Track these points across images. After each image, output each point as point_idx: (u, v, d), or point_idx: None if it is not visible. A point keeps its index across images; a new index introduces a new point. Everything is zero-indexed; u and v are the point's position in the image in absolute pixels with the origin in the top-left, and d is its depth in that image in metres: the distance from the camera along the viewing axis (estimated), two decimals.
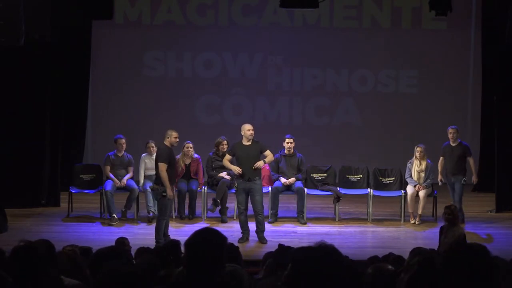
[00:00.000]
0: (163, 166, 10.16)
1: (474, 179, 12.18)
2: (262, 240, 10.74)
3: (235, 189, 10.80)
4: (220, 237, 3.54)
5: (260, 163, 10.62)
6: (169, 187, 10.20)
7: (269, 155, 10.77)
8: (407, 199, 11.97)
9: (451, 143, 11.90)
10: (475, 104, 14.94)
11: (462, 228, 9.37)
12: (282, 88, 15.30)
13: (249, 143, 10.69)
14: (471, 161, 11.91)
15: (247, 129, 10.69)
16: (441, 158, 12.00)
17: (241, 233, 10.77)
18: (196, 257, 3.46)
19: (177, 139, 10.50)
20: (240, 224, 10.82)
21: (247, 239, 10.77)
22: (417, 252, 4.16)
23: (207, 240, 3.49)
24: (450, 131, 11.90)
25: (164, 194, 10.15)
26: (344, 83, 15.27)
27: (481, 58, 14.39)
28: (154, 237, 10.28)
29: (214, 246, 3.47)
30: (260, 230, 10.76)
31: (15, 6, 9.74)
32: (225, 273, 4.29)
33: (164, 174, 10.14)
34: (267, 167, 11.94)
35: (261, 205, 10.70)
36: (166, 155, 10.25)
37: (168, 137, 10.35)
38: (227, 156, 10.91)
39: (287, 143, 12.02)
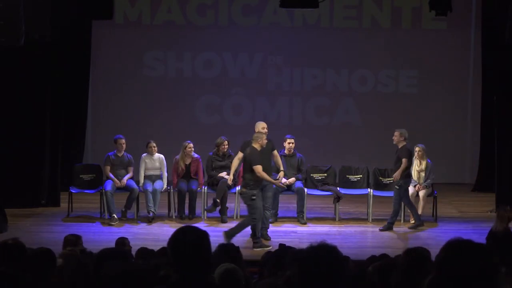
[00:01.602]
0: (259, 168, 10.29)
1: (395, 175, 11.41)
2: (265, 237, 10.77)
3: None
4: (194, 234, 3.58)
5: (281, 178, 11.24)
6: (273, 180, 10.73)
7: (276, 155, 11.27)
8: None
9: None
10: (475, 104, 14.93)
11: (502, 226, 9.12)
12: (282, 88, 15.30)
13: None
14: (403, 161, 11.33)
15: (261, 127, 10.89)
16: None
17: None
18: (179, 258, 3.51)
19: (266, 140, 10.67)
20: None
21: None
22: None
23: (181, 240, 3.54)
24: (394, 133, 11.47)
25: (253, 197, 10.25)
26: (344, 83, 15.26)
27: (481, 58, 14.40)
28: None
29: (191, 245, 3.51)
30: (264, 226, 10.80)
31: (15, 6, 9.73)
32: (220, 272, 4.32)
33: (263, 174, 10.34)
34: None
35: (271, 201, 10.94)
36: (258, 157, 10.37)
37: (259, 140, 10.43)
38: (239, 154, 10.97)
39: (288, 143, 12.00)
